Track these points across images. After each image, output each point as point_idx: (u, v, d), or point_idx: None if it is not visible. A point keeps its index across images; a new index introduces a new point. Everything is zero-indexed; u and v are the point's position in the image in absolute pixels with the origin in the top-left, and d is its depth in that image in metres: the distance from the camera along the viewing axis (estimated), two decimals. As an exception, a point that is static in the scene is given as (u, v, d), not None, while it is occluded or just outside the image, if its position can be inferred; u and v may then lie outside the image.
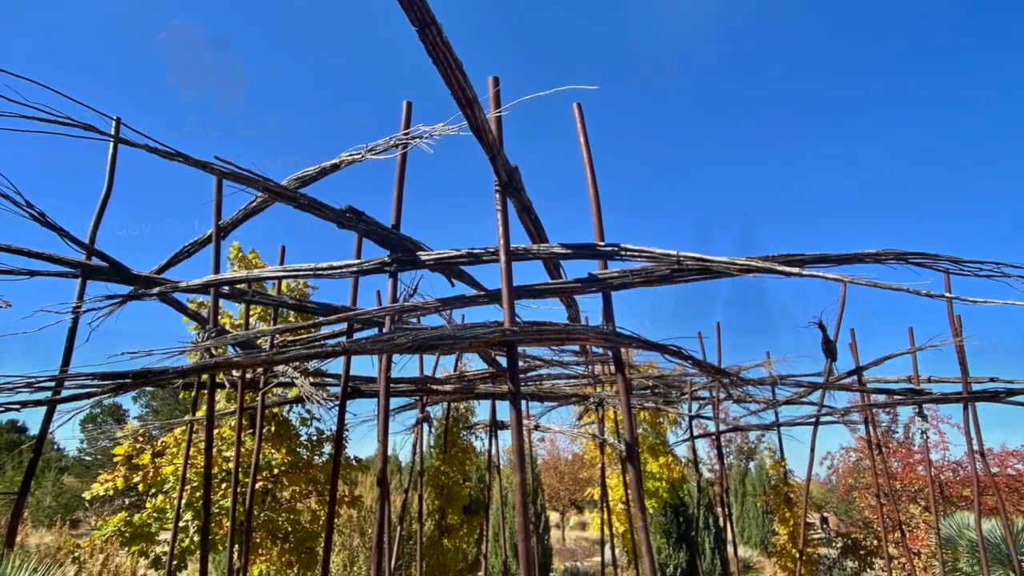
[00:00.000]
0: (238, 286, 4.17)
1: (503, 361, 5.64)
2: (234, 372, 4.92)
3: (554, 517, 26.19)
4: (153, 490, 5.80)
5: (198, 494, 5.46)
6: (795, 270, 2.60)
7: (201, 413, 5.02)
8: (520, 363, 5.74)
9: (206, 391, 4.33)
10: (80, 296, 3.39)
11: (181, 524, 5.32)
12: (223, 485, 5.82)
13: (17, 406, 2.19)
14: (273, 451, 6.10)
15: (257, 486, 5.68)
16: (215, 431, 5.55)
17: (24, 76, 1.91)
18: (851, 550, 11.53)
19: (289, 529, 6.02)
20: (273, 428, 6.17)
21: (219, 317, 4.28)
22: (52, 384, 2.34)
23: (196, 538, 5.43)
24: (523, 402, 7.35)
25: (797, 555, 8.05)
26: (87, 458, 36.42)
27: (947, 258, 2.57)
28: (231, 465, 5.59)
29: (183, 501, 5.08)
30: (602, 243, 2.99)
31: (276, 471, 6.03)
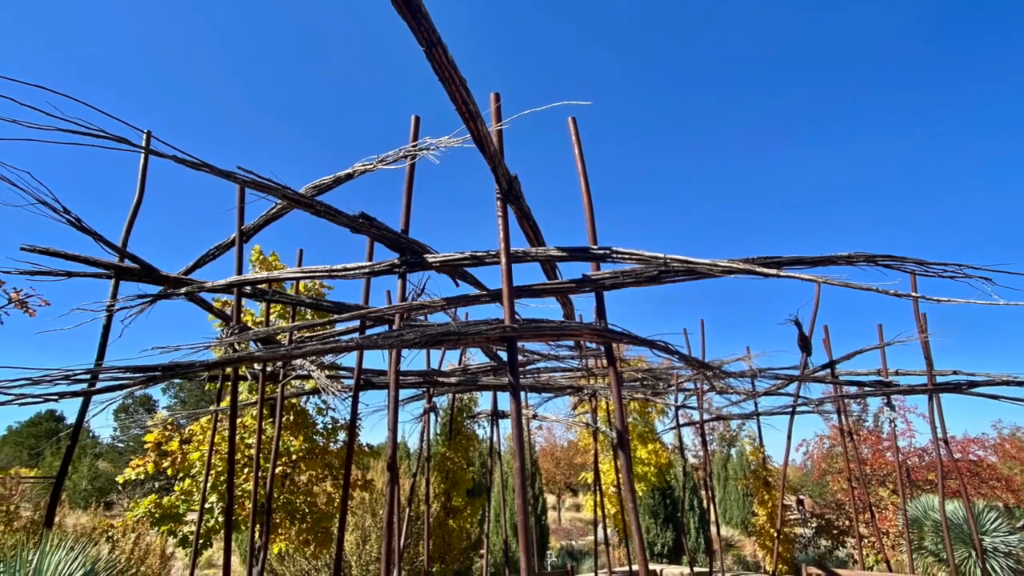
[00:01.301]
0: (259, 286, 4.17)
1: (504, 355, 5.64)
2: (256, 366, 4.92)
3: (551, 499, 26.17)
4: (181, 474, 5.80)
5: (222, 478, 5.46)
6: (773, 271, 2.59)
7: (225, 404, 5.01)
8: (519, 357, 5.73)
9: (230, 383, 4.33)
10: (114, 295, 3.38)
11: (207, 506, 5.32)
12: (245, 470, 5.82)
13: (55, 397, 2.20)
14: (292, 438, 6.10)
15: (277, 471, 5.68)
16: (238, 420, 5.55)
17: (62, 92, 1.91)
18: (825, 530, 11.53)
19: (306, 510, 6.02)
20: (292, 417, 6.17)
21: (242, 315, 4.27)
22: (88, 377, 2.34)
23: (220, 519, 5.43)
24: (522, 393, 7.35)
25: (775, 534, 8.05)
26: (120, 445, 36.46)
27: (913, 260, 2.57)
28: (253, 451, 5.59)
29: (208, 484, 5.08)
30: (595, 246, 2.99)
31: (294, 457, 6.03)
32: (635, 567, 10.58)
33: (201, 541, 5.22)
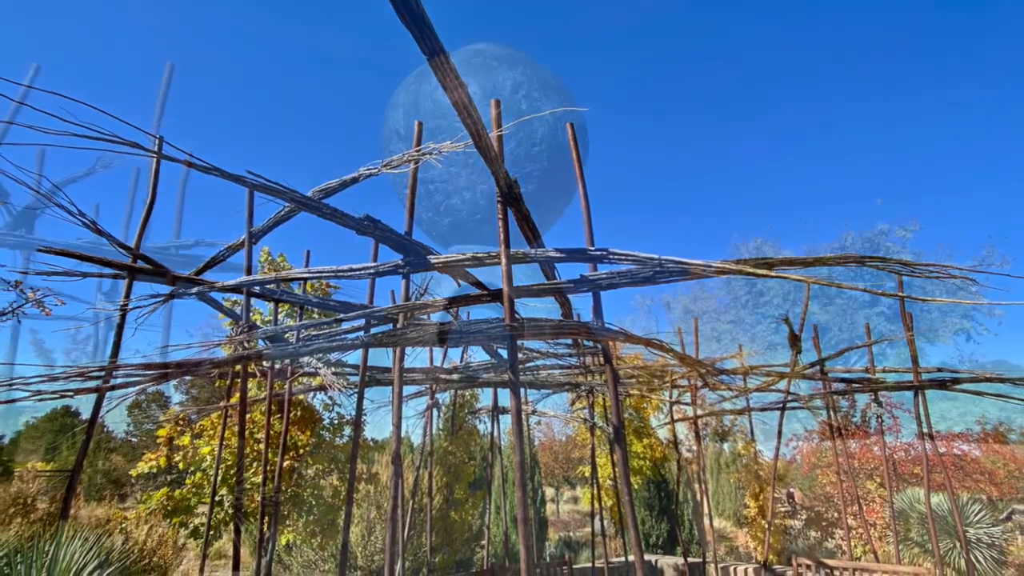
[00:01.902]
0: (268, 286, 4.17)
1: (504, 353, 5.64)
2: (264, 363, 4.92)
3: (549, 492, 26.11)
4: (192, 468, 5.80)
5: (232, 472, 5.46)
6: (764, 272, 2.60)
7: (235, 400, 5.02)
8: (519, 355, 5.74)
9: (239, 380, 4.33)
10: (127, 295, 3.38)
11: (217, 498, 5.32)
12: (254, 464, 5.82)
13: (71, 393, 2.20)
14: (299, 433, 6.10)
15: (285, 465, 5.68)
16: (247, 416, 5.55)
17: (79, 100, 1.91)
18: (814, 521, 11.54)
19: (313, 503, 6.02)
20: (299, 413, 6.17)
21: (251, 314, 4.28)
22: (102, 374, 2.35)
23: (230, 511, 5.43)
24: (522, 390, 7.35)
25: (766, 525, 8.05)
26: (133, 440, 36.40)
27: (899, 261, 2.57)
28: (262, 446, 5.59)
29: (219, 478, 5.08)
30: (592, 248, 2.99)
31: (302, 451, 6.03)
32: (631, 557, 10.57)
33: (211, 532, 5.22)
